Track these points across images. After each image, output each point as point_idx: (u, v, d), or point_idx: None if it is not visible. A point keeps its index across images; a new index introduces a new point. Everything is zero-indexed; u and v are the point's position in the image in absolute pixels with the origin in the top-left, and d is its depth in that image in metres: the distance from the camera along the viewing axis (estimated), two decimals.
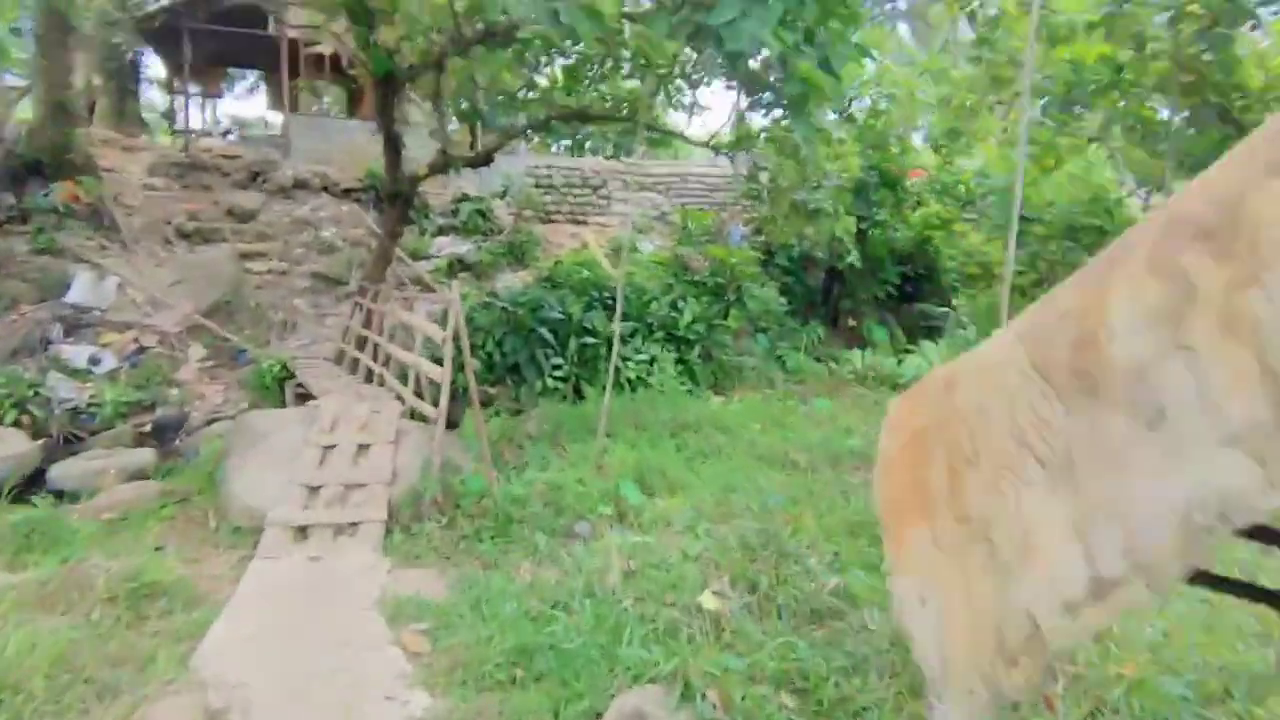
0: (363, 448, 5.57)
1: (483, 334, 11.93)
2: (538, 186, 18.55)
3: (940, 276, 17.82)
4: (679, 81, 13.02)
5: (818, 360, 14.14)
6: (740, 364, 13.95)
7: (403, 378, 6.87)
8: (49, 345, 10.77)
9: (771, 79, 9.62)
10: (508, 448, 7.49)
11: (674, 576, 4.13)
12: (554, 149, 26.87)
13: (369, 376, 8.43)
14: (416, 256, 15.53)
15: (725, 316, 15.24)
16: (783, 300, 16.30)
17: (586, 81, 12.59)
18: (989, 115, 13.70)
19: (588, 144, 24.91)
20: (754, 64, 9.06)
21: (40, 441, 9.37)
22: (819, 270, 18.16)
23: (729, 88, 10.37)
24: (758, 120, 12.53)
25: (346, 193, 16.82)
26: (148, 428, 10.17)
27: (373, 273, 11.01)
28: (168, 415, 10.30)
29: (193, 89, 19.47)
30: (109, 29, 16.80)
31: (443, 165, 10.77)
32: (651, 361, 13.21)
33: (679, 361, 13.57)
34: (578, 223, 18.79)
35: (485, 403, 12.07)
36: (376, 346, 8.26)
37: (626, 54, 12.38)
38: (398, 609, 4.02)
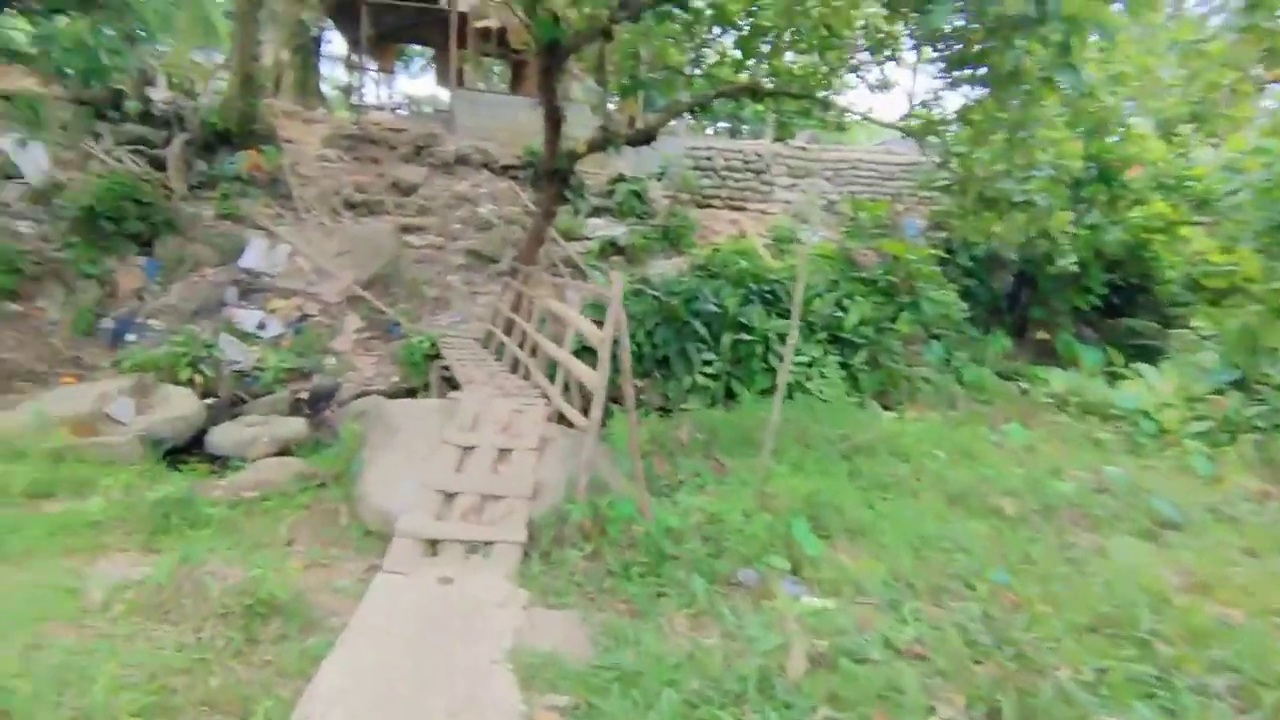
0: (504, 452, 4.95)
1: (633, 323, 11.26)
2: (696, 169, 17.66)
3: (1156, 288, 15.34)
4: (865, 54, 11.70)
5: (1002, 377, 12.40)
6: (911, 375, 12.49)
7: (550, 373, 6.26)
8: (224, 307, 11.18)
9: (977, 49, 8.21)
10: (658, 456, 6.70)
11: (882, 680, 3.14)
12: (709, 130, 25.95)
13: (515, 365, 7.92)
14: (569, 237, 15.13)
15: (895, 320, 13.78)
16: (963, 305, 14.56)
17: (756, 58, 11.55)
18: (1251, 96, 11.31)
19: (746, 125, 23.71)
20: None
21: (208, 400, 9.68)
22: (1006, 273, 16.17)
23: (934, 59, 8.97)
24: (953, 100, 11.03)
25: (505, 169, 16.71)
26: (303, 395, 10.32)
27: (526, 253, 10.58)
28: (322, 385, 10.39)
29: (368, 65, 20.13)
30: (296, 5, 17.55)
31: (602, 143, 10.11)
32: (811, 364, 12.06)
33: (841, 366, 12.34)
34: (736, 209, 17.76)
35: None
36: (524, 334, 7.72)
37: (807, 24, 11.22)
38: (533, 669, 3.31)
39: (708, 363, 11.67)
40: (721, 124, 26.95)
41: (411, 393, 10.43)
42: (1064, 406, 10.28)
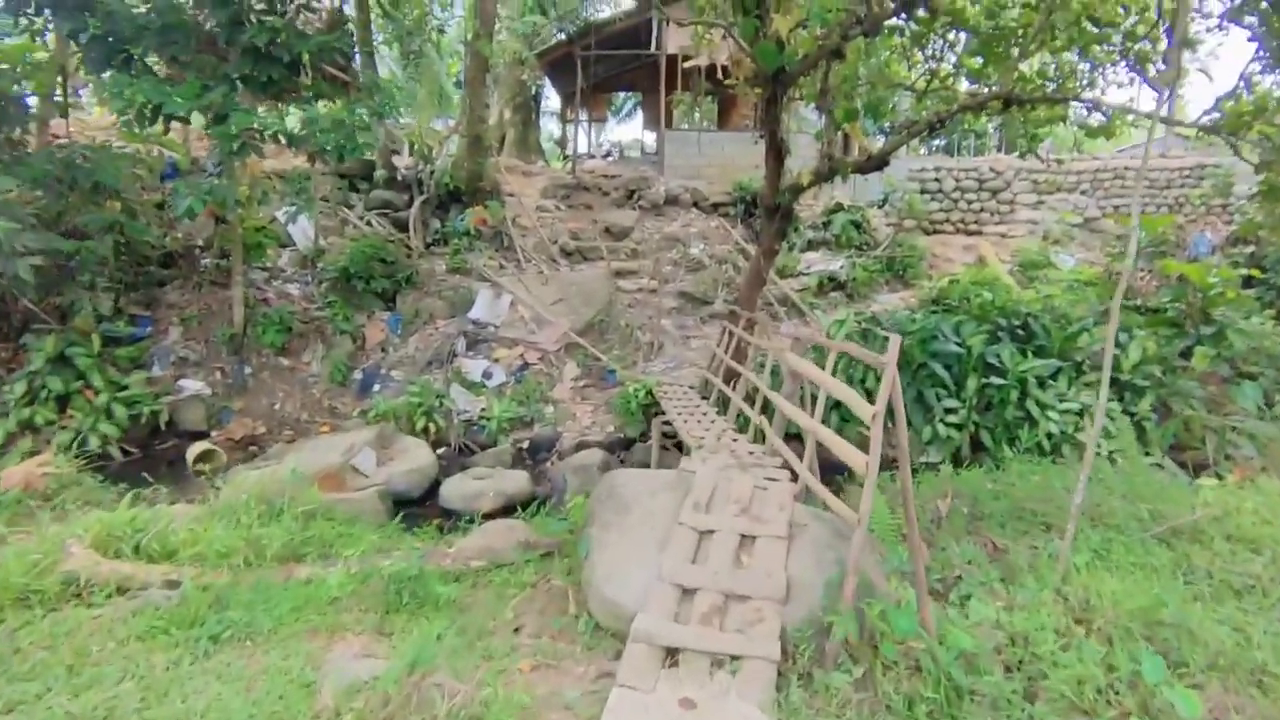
0: (746, 539, 4.24)
1: (860, 367, 10.22)
2: (923, 192, 16.15)
3: None
4: (1144, 44, 9.84)
5: None
6: (1218, 425, 10.14)
7: (789, 432, 5.49)
8: (454, 358, 11.69)
9: None
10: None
11: None
12: (922, 150, 23.95)
13: (740, 422, 7.24)
14: (783, 274, 14.35)
15: (1187, 356, 11.40)
16: None
17: (1000, 64, 10.11)
18: None
19: (967, 140, 21.53)
20: None
21: (440, 451, 10.02)
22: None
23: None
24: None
25: (715, 207, 16.36)
26: (525, 444, 10.40)
27: (745, 295, 9.95)
28: (542, 434, 10.41)
29: (582, 116, 20.92)
30: (518, 67, 18.64)
31: (828, 172, 9.26)
32: (1081, 414, 10.19)
33: (1123, 416, 10.30)
34: (971, 233, 15.96)
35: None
36: (751, 387, 7.03)
37: (1065, 19, 9.68)
38: None
39: (950, 410, 10.27)
40: (935, 142, 24.84)
41: (629, 444, 10.13)
42: None
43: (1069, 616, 4.14)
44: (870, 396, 4.38)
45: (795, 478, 4.98)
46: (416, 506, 8.10)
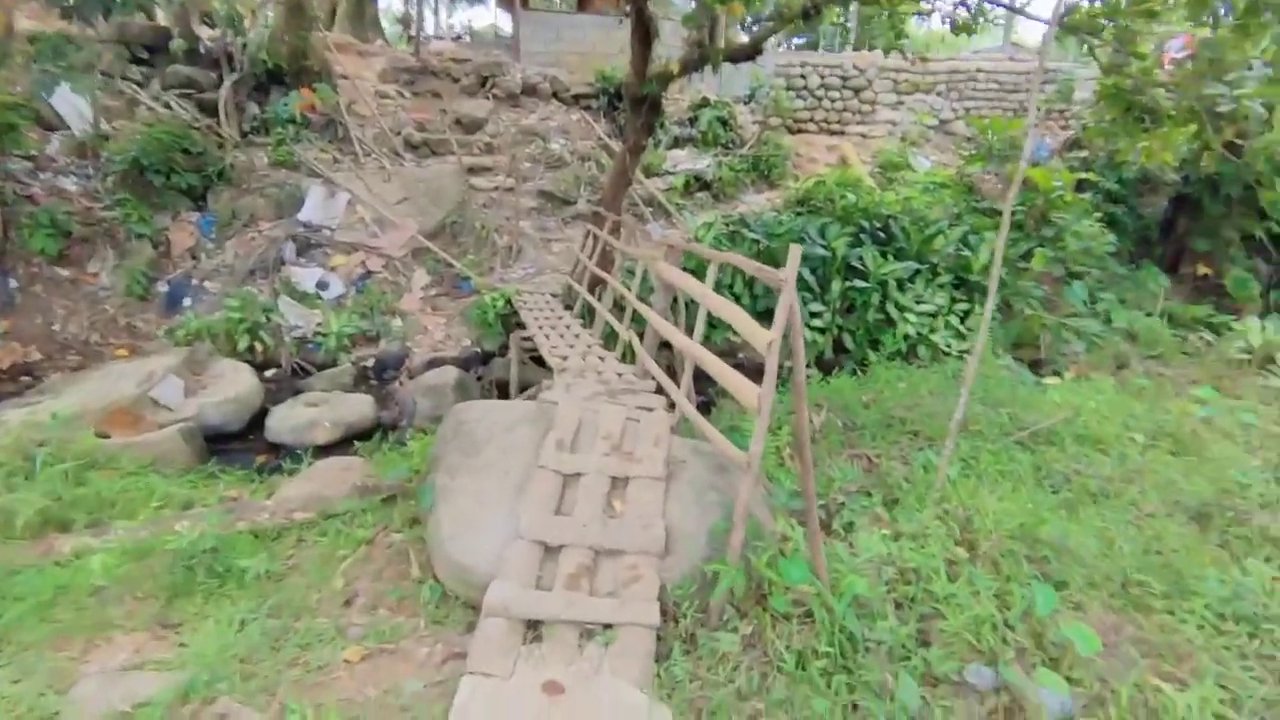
0: (618, 482, 3.70)
1: (729, 273, 9.84)
2: (789, 89, 15.66)
3: None
4: None
5: (1172, 324, 10.46)
6: (1052, 324, 10.70)
7: (662, 358, 4.94)
8: (282, 266, 10.22)
9: None
10: (787, 450, 5.35)
11: None
12: (781, 47, 23.41)
13: (606, 334, 6.64)
14: (649, 173, 13.59)
15: (1027, 257, 11.90)
16: (1109, 237, 12.51)
17: None
18: None
19: (830, 43, 21.30)
20: None
21: (270, 373, 8.81)
22: (1159, 197, 13.86)
23: None
24: None
25: (576, 99, 15.13)
26: (369, 363, 9.35)
27: (609, 195, 9.15)
28: (388, 351, 9.39)
29: None
30: None
31: (698, 61, 8.45)
32: (936, 315, 10.42)
33: (967, 315, 10.65)
34: (834, 133, 15.76)
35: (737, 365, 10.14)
36: (619, 299, 6.40)
37: None
38: None
39: (815, 314, 10.19)
40: (799, 39, 24.35)
41: (487, 358, 9.34)
42: (1268, 364, 8.39)
43: (954, 540, 3.96)
44: (739, 304, 3.92)
45: (672, 406, 4.47)
46: (236, 442, 7.02)
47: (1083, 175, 11.89)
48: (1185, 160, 12.91)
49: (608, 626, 3.08)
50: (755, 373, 3.21)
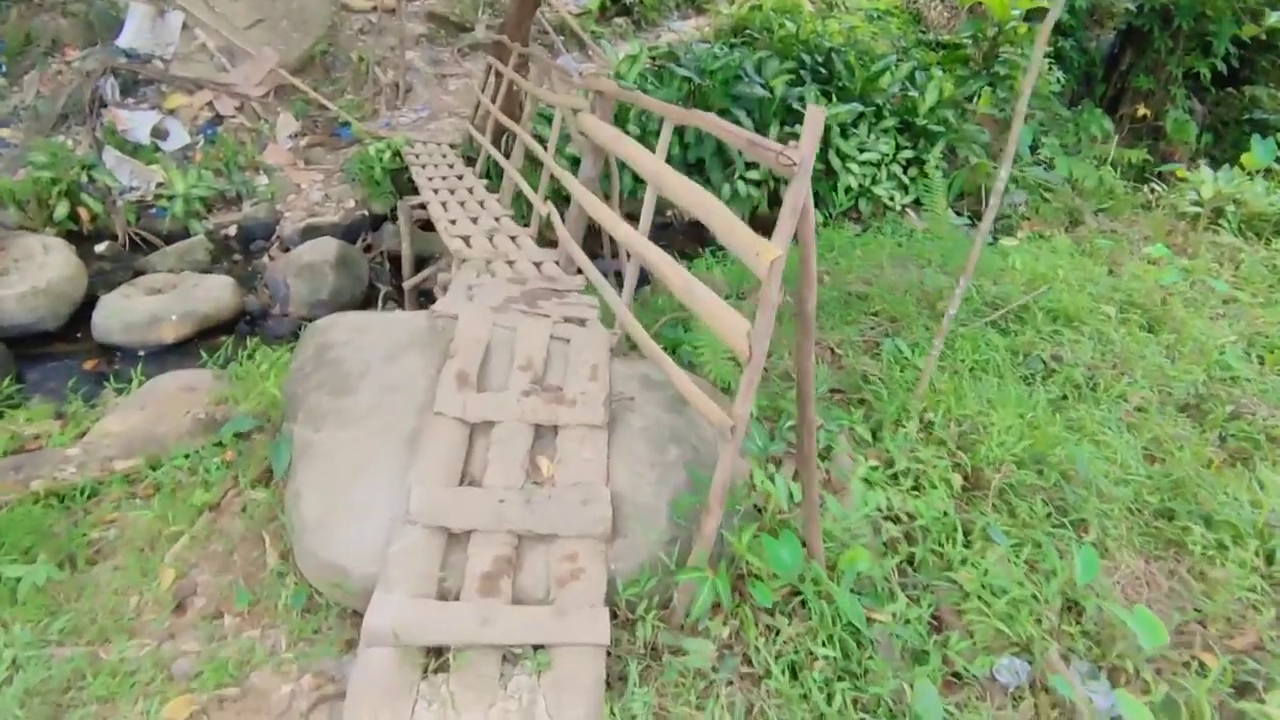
0: (544, 432, 2.76)
1: (637, 113, 8.52)
2: None
3: None
4: None
5: (1118, 172, 9.94)
6: (995, 173, 9.99)
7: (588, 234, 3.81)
8: (103, 108, 8.18)
9: None
10: None
11: None
12: None
13: (519, 202, 5.43)
14: None
15: (973, 99, 11.02)
16: (1056, 74, 11.72)
17: None
18: None
19: None
20: None
21: (101, 248, 7.20)
22: (1105, 31, 12.97)
23: None
24: None
25: None
26: (231, 230, 7.79)
27: (514, 20, 7.48)
28: (254, 216, 7.82)
29: None
30: None
31: None
32: (880, 164, 9.56)
33: (910, 163, 9.86)
34: None
35: (664, 226, 9.00)
36: (535, 159, 5.14)
37: None
38: None
39: (751, 165, 9.13)
40: None
41: (378, 223, 7.92)
42: (1218, 219, 7.99)
43: (954, 468, 3.29)
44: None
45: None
46: (57, 345, 5.64)
47: (1042, 4, 10.75)
48: None
49: (539, 648, 2.26)
50: (688, 237, 2.28)
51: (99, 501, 3.26)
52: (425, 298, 5.78)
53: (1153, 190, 9.04)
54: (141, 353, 5.54)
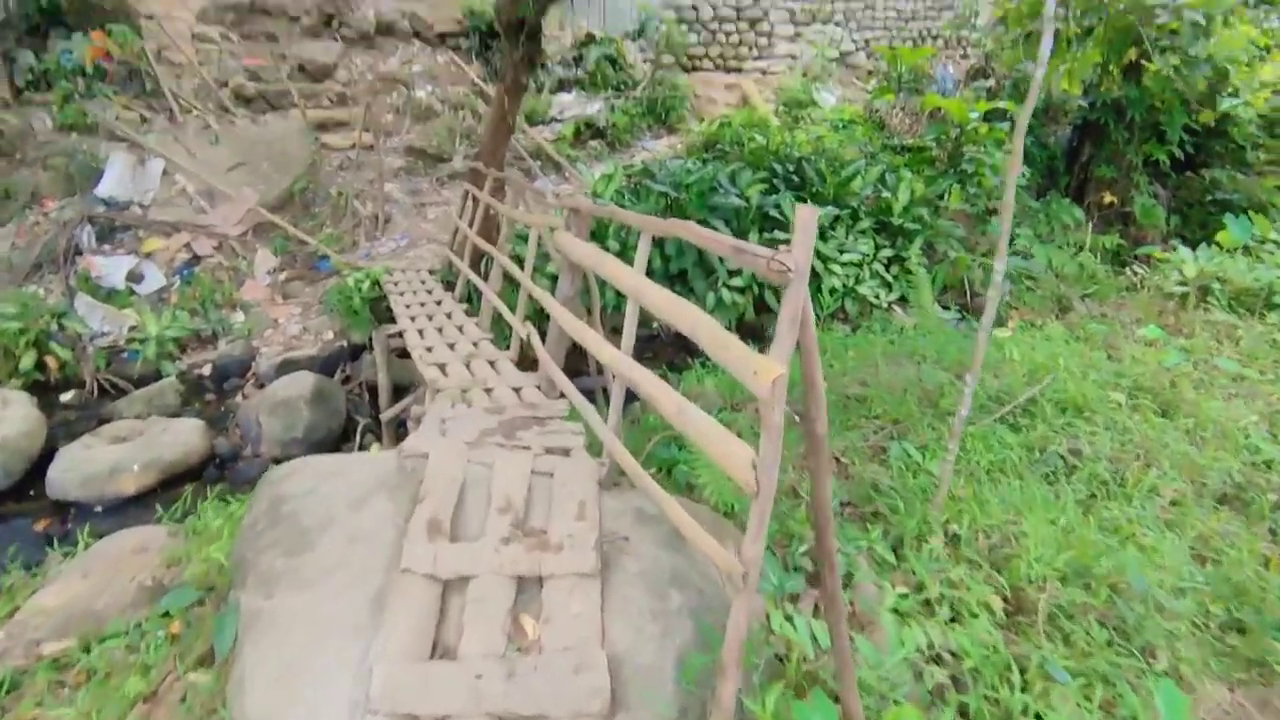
0: (527, 585, 2.41)
1: (616, 230, 8.58)
2: (680, 22, 14.24)
3: (1233, 130, 12.79)
4: None
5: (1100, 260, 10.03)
6: (982, 266, 10.08)
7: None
8: (78, 256, 8.12)
9: None
10: None
11: None
12: None
13: (499, 328, 5.26)
14: (533, 121, 12.00)
15: (943, 197, 11.25)
16: (1022, 169, 11.99)
17: None
18: None
19: None
20: None
21: (68, 397, 6.92)
22: (1061, 126, 13.52)
23: None
24: None
25: (442, 39, 13.20)
26: (206, 370, 7.56)
27: (488, 147, 7.61)
28: (229, 354, 7.61)
29: None
30: None
31: None
32: (861, 264, 9.57)
33: (891, 261, 9.90)
34: (731, 69, 14.53)
35: (649, 338, 8.88)
36: (506, 277, 5.00)
37: None
38: None
39: (734, 273, 9.11)
40: None
41: (356, 353, 7.72)
42: (1207, 296, 7.94)
43: (998, 597, 2.92)
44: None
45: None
46: (9, 504, 5.25)
47: (1000, 104, 11.21)
48: (1088, 86, 12.58)
49: None
50: (675, 347, 2.02)
51: (20, 696, 2.83)
52: (404, 428, 5.49)
53: (1135, 273, 9.06)
54: (99, 508, 5.16)
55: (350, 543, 2.60)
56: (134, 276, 8.08)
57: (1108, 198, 12.58)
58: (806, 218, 1.71)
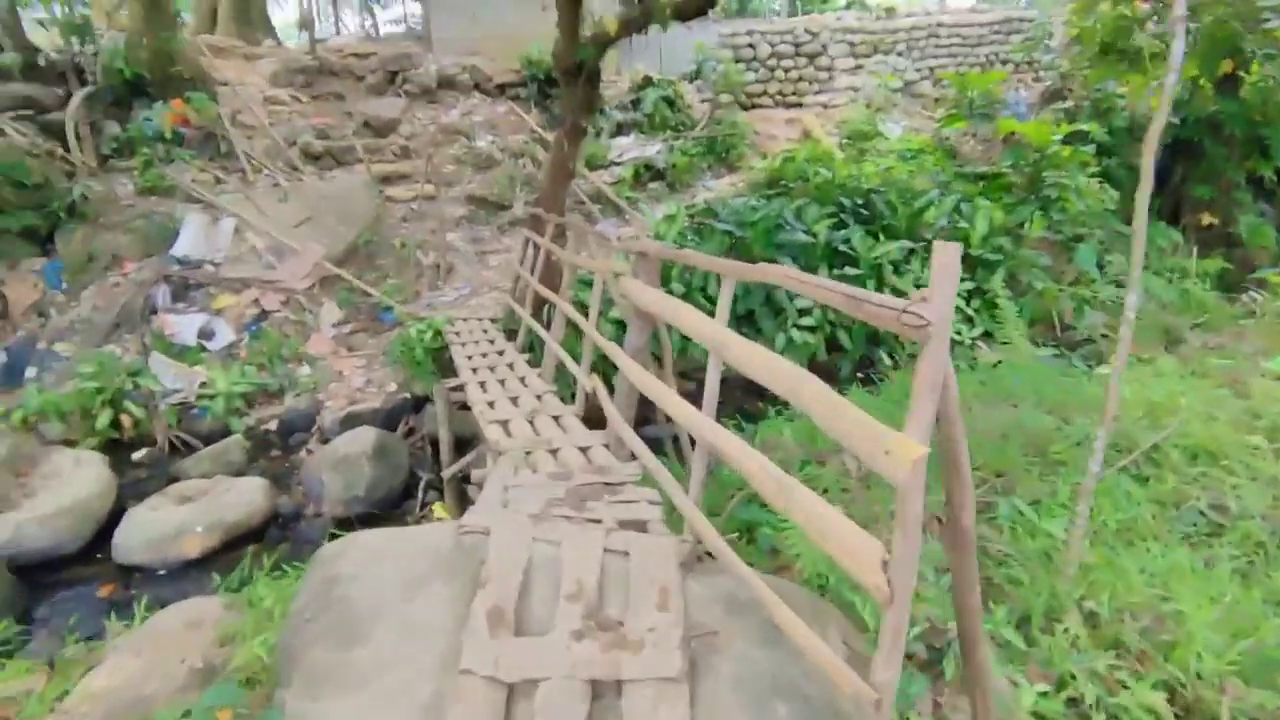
0: (604, 690, 2.08)
1: (699, 275, 8.34)
2: (737, 61, 14.12)
3: None
4: None
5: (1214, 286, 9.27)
6: (1078, 298, 9.44)
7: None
8: (153, 315, 8.31)
9: None
10: None
11: None
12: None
13: (563, 380, 5.00)
14: (592, 165, 11.96)
15: (1023, 225, 10.63)
16: (1109, 193, 11.34)
17: None
18: None
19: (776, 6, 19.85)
20: None
21: (140, 455, 6.98)
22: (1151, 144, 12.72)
23: None
24: None
25: (501, 89, 13.40)
26: (273, 425, 7.54)
27: (550, 193, 7.49)
28: (295, 408, 7.59)
29: None
30: None
31: (642, 19, 6.83)
32: None
33: (972, 294, 9.35)
34: (791, 105, 14.30)
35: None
36: (568, 323, 4.76)
37: None
38: None
39: (804, 311, 8.73)
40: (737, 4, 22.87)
41: (420, 404, 7.59)
42: None
43: (1151, 686, 2.43)
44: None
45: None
46: (76, 568, 5.20)
47: (1082, 127, 10.60)
48: (1179, 102, 11.83)
49: None
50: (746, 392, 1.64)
51: None
52: (467, 483, 5.27)
53: (1251, 299, 8.28)
54: (162, 571, 5.06)
55: (405, 635, 2.31)
56: (205, 333, 8.19)
57: (1206, 219, 11.71)
58: (949, 258, 1.37)
